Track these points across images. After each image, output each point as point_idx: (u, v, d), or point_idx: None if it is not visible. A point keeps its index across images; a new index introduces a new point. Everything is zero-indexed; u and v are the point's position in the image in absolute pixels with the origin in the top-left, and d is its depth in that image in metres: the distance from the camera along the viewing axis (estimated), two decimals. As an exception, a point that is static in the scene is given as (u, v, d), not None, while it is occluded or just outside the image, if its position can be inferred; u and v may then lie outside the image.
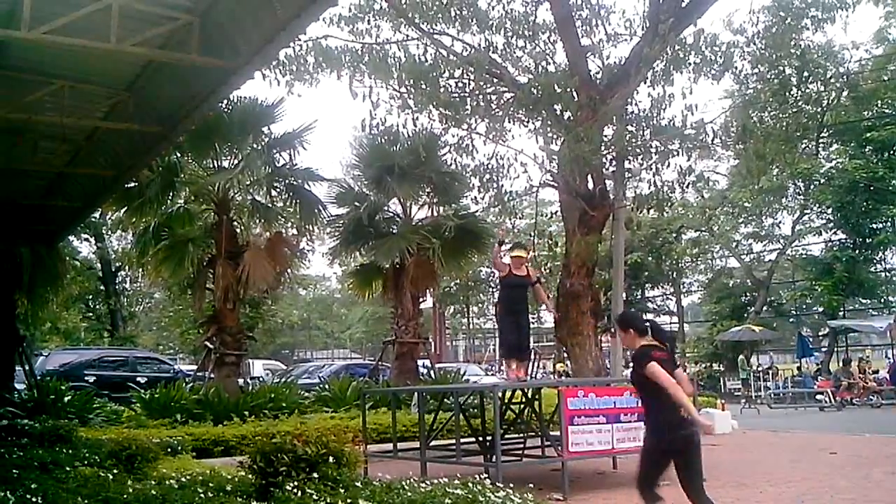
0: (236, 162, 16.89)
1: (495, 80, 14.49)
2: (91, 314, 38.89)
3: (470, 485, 6.86)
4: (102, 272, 36.86)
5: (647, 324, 6.33)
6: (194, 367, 20.79)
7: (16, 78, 9.43)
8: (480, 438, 11.45)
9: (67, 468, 8.73)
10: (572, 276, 13.94)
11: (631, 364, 6.40)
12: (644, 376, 5.90)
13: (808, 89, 16.35)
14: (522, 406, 11.83)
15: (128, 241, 28.67)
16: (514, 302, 11.48)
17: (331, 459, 6.84)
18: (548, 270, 24.27)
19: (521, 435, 12.01)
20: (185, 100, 9.63)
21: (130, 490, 6.85)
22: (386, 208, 19.80)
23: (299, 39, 13.40)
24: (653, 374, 5.80)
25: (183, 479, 7.50)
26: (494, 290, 41.15)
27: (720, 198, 36.77)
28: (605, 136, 13.83)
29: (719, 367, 37.41)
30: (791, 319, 41.25)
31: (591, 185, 14.10)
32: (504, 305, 11.79)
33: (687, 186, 14.47)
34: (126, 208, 16.85)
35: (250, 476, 7.00)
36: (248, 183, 17.12)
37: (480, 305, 56.82)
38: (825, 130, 32.19)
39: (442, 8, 14.04)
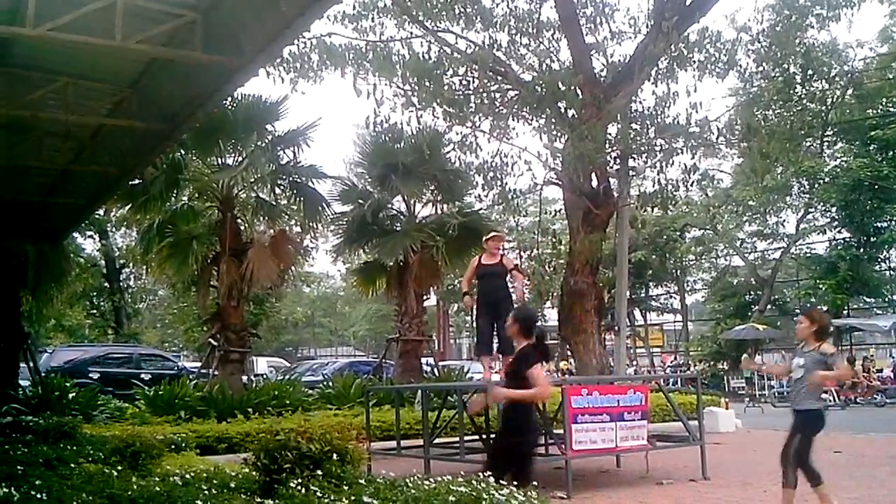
0: (240, 159, 16.91)
1: (499, 78, 14.48)
2: (95, 311, 38.98)
3: (473, 482, 6.85)
4: (106, 269, 36.91)
5: (536, 330, 6.49)
6: (198, 364, 20.85)
7: (20, 75, 9.44)
8: (484, 436, 11.44)
9: (72, 465, 8.73)
10: (576, 274, 13.93)
11: (515, 359, 6.51)
12: (524, 374, 6.18)
13: (812, 87, 16.30)
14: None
15: (132, 239, 28.78)
16: (486, 294, 10.93)
17: (335, 457, 6.84)
18: (552, 269, 24.25)
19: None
20: (189, 97, 9.64)
21: (134, 487, 6.84)
22: (390, 206, 19.81)
23: (303, 37, 13.40)
24: (535, 377, 6.10)
25: (187, 476, 7.50)
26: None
27: (724, 196, 36.77)
28: (610, 134, 13.82)
29: (723, 365, 37.41)
30: (795, 318, 41.12)
31: (595, 184, 14.09)
32: (478, 299, 11.29)
33: (691, 185, 14.46)
34: (130, 205, 16.89)
35: (254, 473, 7.01)
36: (252, 180, 17.14)
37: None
38: (830, 129, 32.15)
39: (446, 5, 14.03)
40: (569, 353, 22.27)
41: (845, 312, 34.30)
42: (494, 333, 10.89)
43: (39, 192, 13.93)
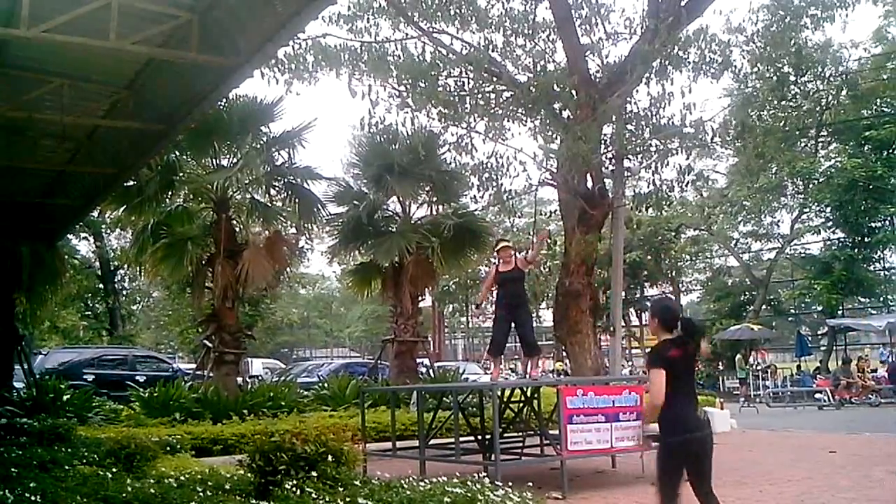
0: (235, 160, 16.88)
1: (494, 79, 14.48)
2: (90, 313, 38.86)
3: (469, 483, 6.86)
4: (101, 271, 36.87)
5: (676, 320, 5.87)
6: (193, 366, 20.79)
7: (16, 76, 9.43)
8: (479, 437, 11.44)
9: (66, 467, 8.73)
10: (571, 274, 13.94)
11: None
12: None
13: (806, 88, 16.34)
14: (521, 405, 11.84)
15: (127, 240, 28.67)
16: (506, 299, 11.48)
17: (330, 458, 6.85)
18: (547, 269, 24.30)
19: (520, 434, 12.01)
20: (185, 98, 9.63)
21: (129, 489, 6.84)
22: (385, 207, 19.79)
23: (298, 38, 13.40)
24: (650, 382, 5.68)
25: (182, 478, 7.51)
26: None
27: (719, 196, 36.78)
28: (605, 134, 13.84)
29: (718, 365, 37.43)
30: (790, 318, 41.26)
31: (590, 184, 14.10)
32: (498, 303, 11.80)
33: (686, 185, 14.46)
34: (125, 207, 16.85)
35: (249, 475, 7.01)
36: (247, 181, 17.11)
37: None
38: (824, 129, 32.23)
39: (441, 6, 14.03)
40: (564, 353, 22.28)
41: (840, 312, 34.35)
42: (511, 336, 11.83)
43: (35, 193, 13.91)
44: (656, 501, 5.81)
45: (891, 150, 32.39)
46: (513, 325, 11.60)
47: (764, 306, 38.05)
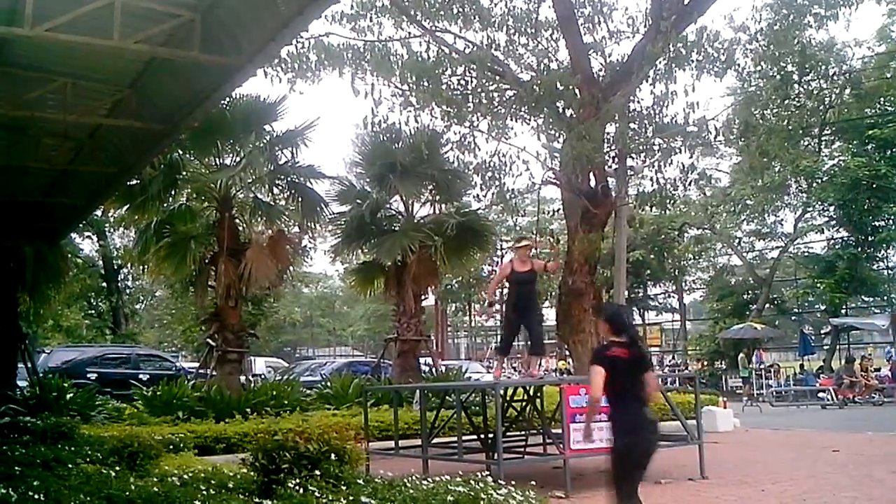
0: (238, 159, 16.90)
1: (497, 78, 14.48)
2: (93, 312, 38.96)
3: (472, 482, 6.86)
4: (104, 270, 36.91)
5: (625, 325, 6.21)
6: (196, 365, 20.82)
7: (18, 75, 9.45)
8: (482, 436, 11.44)
9: (70, 465, 8.74)
10: (574, 273, 13.93)
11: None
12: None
13: (810, 86, 16.31)
14: (524, 404, 11.84)
15: (130, 239, 28.72)
16: (519, 298, 11.42)
17: (333, 457, 6.85)
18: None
19: (523, 432, 12.01)
20: (187, 97, 9.64)
21: (132, 487, 6.85)
22: (388, 206, 19.80)
23: (301, 37, 13.39)
24: (590, 379, 5.90)
25: (185, 477, 7.51)
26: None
27: (722, 195, 36.76)
28: (608, 133, 13.83)
29: (721, 364, 37.42)
30: (793, 317, 41.23)
31: (593, 183, 14.09)
32: (508, 303, 11.78)
33: (689, 184, 14.45)
34: (128, 206, 16.87)
35: (252, 473, 7.01)
36: (250, 180, 17.14)
37: (482, 303, 56.75)
38: (828, 128, 32.19)
39: (444, 5, 14.02)
40: (567, 352, 22.27)
41: (843, 311, 34.31)
42: (521, 335, 11.96)
43: (38, 191, 13.92)
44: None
45: (894, 149, 32.35)
46: (521, 325, 11.62)
47: (767, 305, 38.04)
